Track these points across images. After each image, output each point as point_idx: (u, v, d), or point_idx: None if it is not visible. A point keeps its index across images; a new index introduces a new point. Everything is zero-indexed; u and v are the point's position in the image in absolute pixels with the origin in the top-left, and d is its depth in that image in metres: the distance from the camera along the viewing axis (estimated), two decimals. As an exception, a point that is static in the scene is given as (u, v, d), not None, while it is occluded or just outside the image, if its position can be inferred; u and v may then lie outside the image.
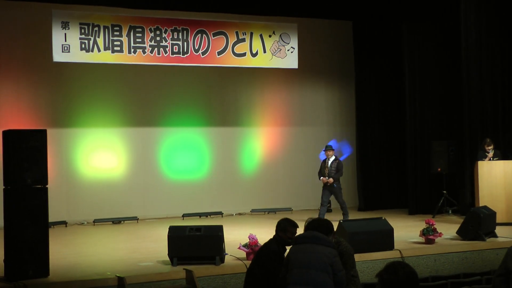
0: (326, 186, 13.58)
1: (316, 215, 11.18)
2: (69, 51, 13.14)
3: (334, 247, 6.37)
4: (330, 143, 14.41)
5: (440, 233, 10.58)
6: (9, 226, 8.40)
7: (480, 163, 13.03)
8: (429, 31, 15.39)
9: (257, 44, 14.68)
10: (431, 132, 15.31)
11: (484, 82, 14.11)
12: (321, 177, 13.68)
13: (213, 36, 14.30)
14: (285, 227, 7.01)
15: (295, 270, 6.25)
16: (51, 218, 9.17)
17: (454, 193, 14.68)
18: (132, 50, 13.63)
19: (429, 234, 10.50)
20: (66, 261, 9.75)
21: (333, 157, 13.71)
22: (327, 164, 13.63)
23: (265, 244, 7.23)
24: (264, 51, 14.75)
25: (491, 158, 13.08)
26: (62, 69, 14.27)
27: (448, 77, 15.25)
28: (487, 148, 13.13)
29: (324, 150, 13.91)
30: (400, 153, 16.28)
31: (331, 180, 13.45)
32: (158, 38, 13.81)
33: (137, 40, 13.63)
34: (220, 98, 16.09)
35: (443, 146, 14.71)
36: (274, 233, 7.14)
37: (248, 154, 16.31)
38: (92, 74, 14.74)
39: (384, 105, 16.53)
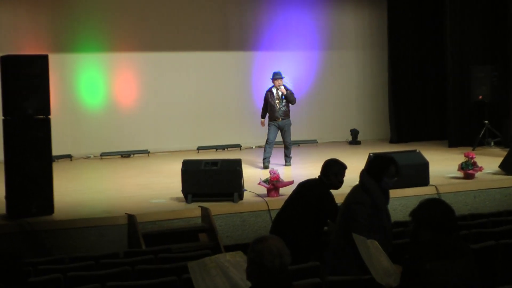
0: (273, 120, 12.82)
1: (339, 153, 11.02)
2: (70, -32, 13.00)
3: (368, 191, 6.09)
4: (278, 71, 13.10)
5: (481, 167, 10.57)
6: (10, 160, 8.48)
7: (527, 90, 12.90)
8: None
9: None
10: (472, 56, 15.08)
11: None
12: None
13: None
14: (338, 171, 6.98)
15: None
16: (55, 152, 9.23)
17: (497, 123, 14.57)
18: (140, -34, 13.45)
19: (468, 169, 10.50)
20: (72, 197, 9.88)
21: (282, 86, 12.79)
22: (278, 95, 12.78)
23: (310, 184, 7.19)
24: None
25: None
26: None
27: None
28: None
29: (271, 79, 12.95)
30: (437, 80, 16.13)
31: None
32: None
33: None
34: (239, 20, 15.93)
35: (485, 72, 14.51)
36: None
37: (269, 81, 16.17)
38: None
39: (419, 26, 16.27)
